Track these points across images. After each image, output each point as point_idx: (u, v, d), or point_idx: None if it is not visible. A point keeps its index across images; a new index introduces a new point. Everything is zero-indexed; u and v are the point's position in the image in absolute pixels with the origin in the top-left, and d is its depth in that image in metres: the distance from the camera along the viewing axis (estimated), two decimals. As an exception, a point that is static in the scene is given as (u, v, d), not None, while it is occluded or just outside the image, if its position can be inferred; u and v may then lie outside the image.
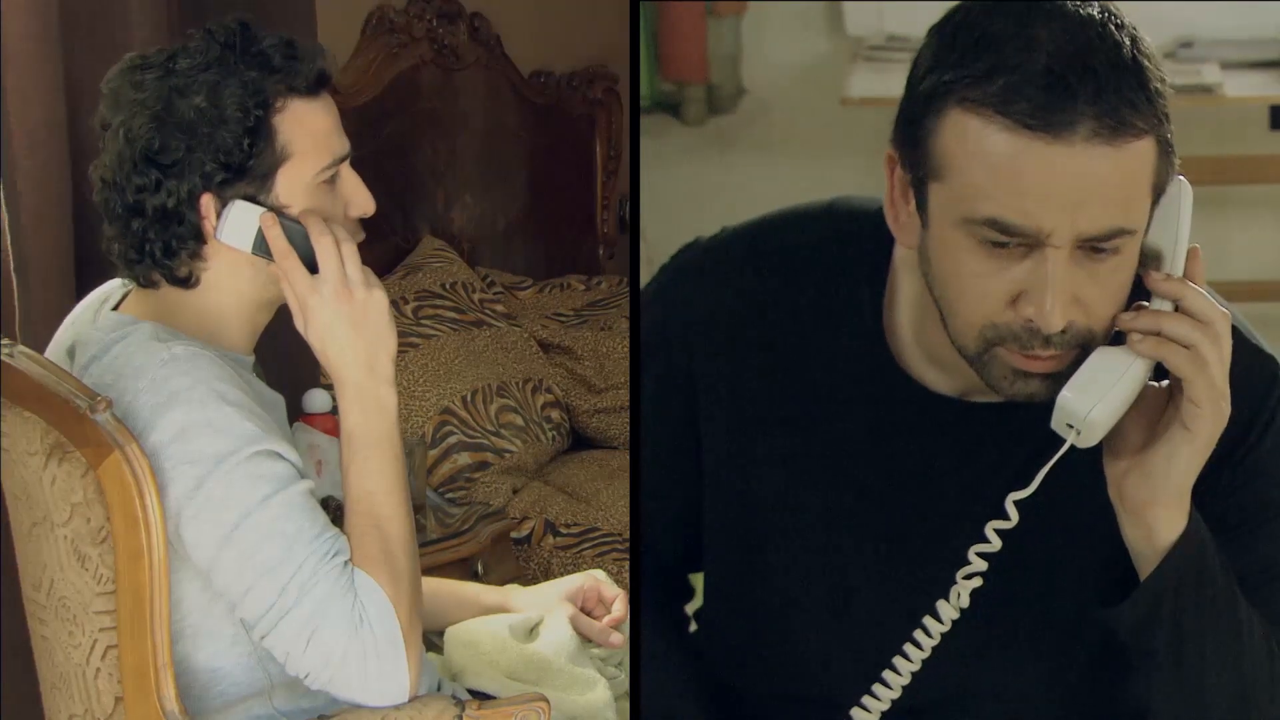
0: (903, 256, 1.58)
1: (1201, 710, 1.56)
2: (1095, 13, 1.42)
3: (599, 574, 2.06)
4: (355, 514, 1.69)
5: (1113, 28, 1.42)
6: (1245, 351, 1.54)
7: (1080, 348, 1.47)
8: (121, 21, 2.32)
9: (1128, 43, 1.41)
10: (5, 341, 1.77)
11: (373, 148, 3.61)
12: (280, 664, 1.66)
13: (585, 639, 1.99)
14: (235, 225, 1.69)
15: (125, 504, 1.63)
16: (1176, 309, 1.48)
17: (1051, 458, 1.50)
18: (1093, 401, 1.47)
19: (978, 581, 1.55)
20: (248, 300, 1.75)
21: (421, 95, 3.83)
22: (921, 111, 1.44)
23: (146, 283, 1.75)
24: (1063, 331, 1.44)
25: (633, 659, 1.94)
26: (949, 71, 1.42)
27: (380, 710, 1.66)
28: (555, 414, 3.64)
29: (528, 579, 2.89)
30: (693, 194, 1.61)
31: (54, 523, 1.71)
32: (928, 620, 1.57)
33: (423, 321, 3.56)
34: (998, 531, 1.52)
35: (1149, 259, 1.49)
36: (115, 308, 1.79)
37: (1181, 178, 1.48)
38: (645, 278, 1.69)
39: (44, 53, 2.23)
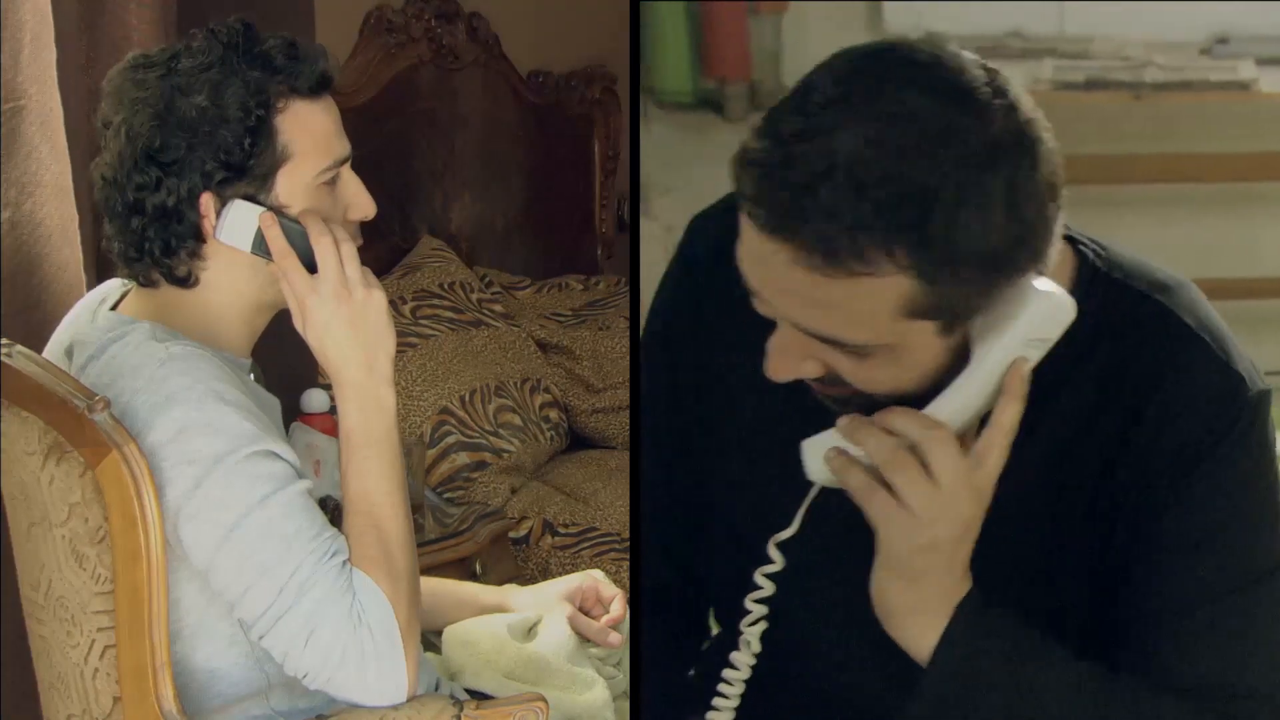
0: None
1: None
2: (926, 132, 1.29)
3: (597, 574, 2.06)
4: (354, 514, 1.69)
5: (924, 154, 1.29)
6: (1207, 366, 1.48)
7: (854, 392, 1.42)
8: (119, 22, 2.32)
9: (933, 177, 1.28)
10: (4, 341, 1.77)
11: (371, 147, 3.59)
12: (278, 664, 1.66)
13: (583, 639, 1.99)
14: (234, 225, 1.69)
15: (123, 504, 1.63)
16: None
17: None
18: (811, 464, 1.46)
19: (763, 625, 1.52)
20: (247, 301, 1.75)
21: (420, 95, 3.83)
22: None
23: (146, 281, 1.75)
24: (807, 380, 1.42)
25: (632, 659, 1.94)
26: (758, 127, 1.36)
27: (378, 710, 1.66)
28: (553, 414, 3.64)
29: (526, 579, 2.88)
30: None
31: (52, 522, 1.71)
32: (727, 671, 1.55)
33: (421, 321, 3.56)
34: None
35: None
36: (113, 307, 1.79)
37: (1039, 288, 1.38)
38: (645, 278, 1.68)
39: (67, 50, 2.24)
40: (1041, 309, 1.39)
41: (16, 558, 1.81)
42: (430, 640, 1.97)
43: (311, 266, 1.69)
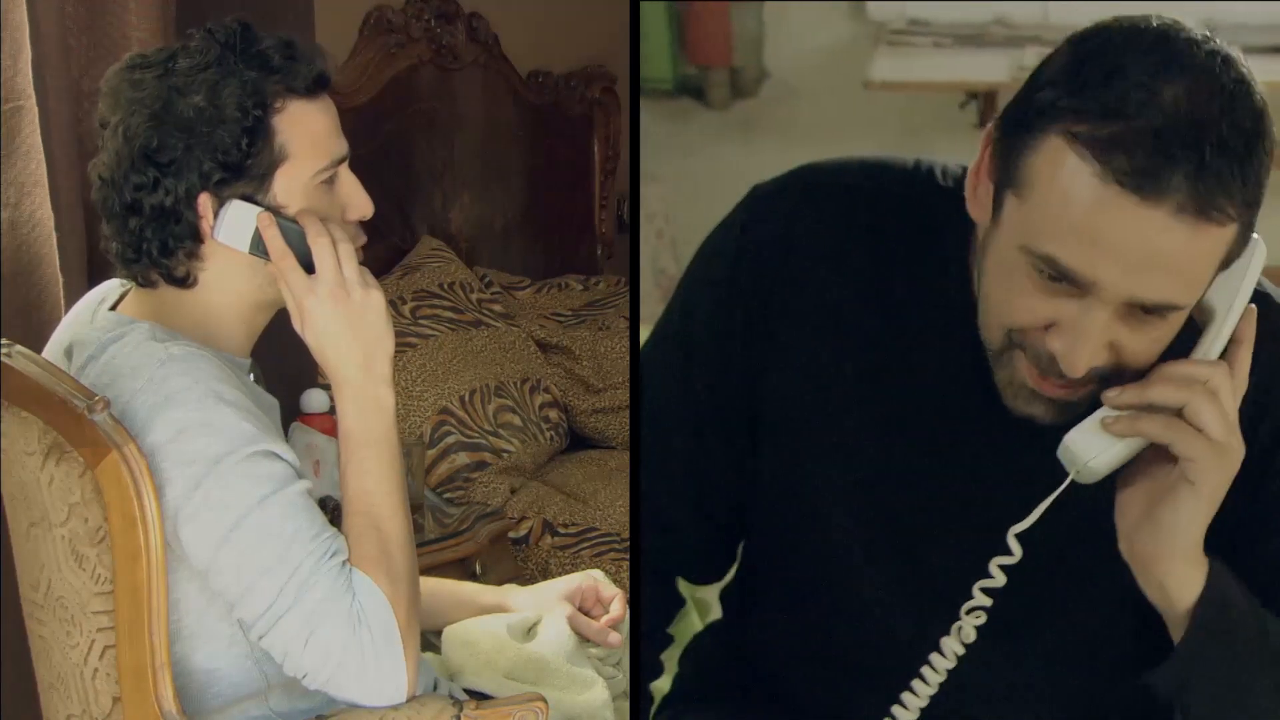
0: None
1: None
2: (1229, 79, 1.38)
3: (597, 574, 2.06)
4: (353, 514, 1.69)
5: (1240, 103, 1.38)
6: None
7: (1099, 381, 1.46)
8: (119, 22, 2.32)
9: (1249, 124, 1.38)
10: (4, 341, 1.77)
11: (371, 148, 3.60)
12: (278, 664, 1.66)
13: (583, 639, 1.99)
14: (232, 225, 1.69)
15: (123, 504, 1.63)
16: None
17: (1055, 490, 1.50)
18: (1095, 451, 1.48)
19: (981, 617, 1.55)
20: (245, 301, 1.75)
21: (419, 95, 3.83)
22: (1028, 122, 1.42)
23: (145, 282, 1.75)
24: (1085, 373, 1.44)
25: (632, 659, 1.94)
26: (1066, 96, 1.39)
27: (378, 710, 1.66)
28: (553, 414, 3.64)
29: (526, 579, 2.88)
30: (716, 177, 1.61)
31: (51, 523, 1.71)
32: (934, 656, 1.57)
33: (421, 321, 3.56)
34: (1005, 566, 1.52)
35: (1203, 312, 1.49)
36: (113, 308, 1.79)
37: (1256, 236, 1.46)
38: (645, 278, 1.67)
39: (60, 51, 2.24)
40: (1261, 255, 1.48)
41: (16, 558, 1.81)
42: (430, 640, 1.97)
43: (309, 267, 1.69)
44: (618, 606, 2.01)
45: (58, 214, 2.19)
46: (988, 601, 1.55)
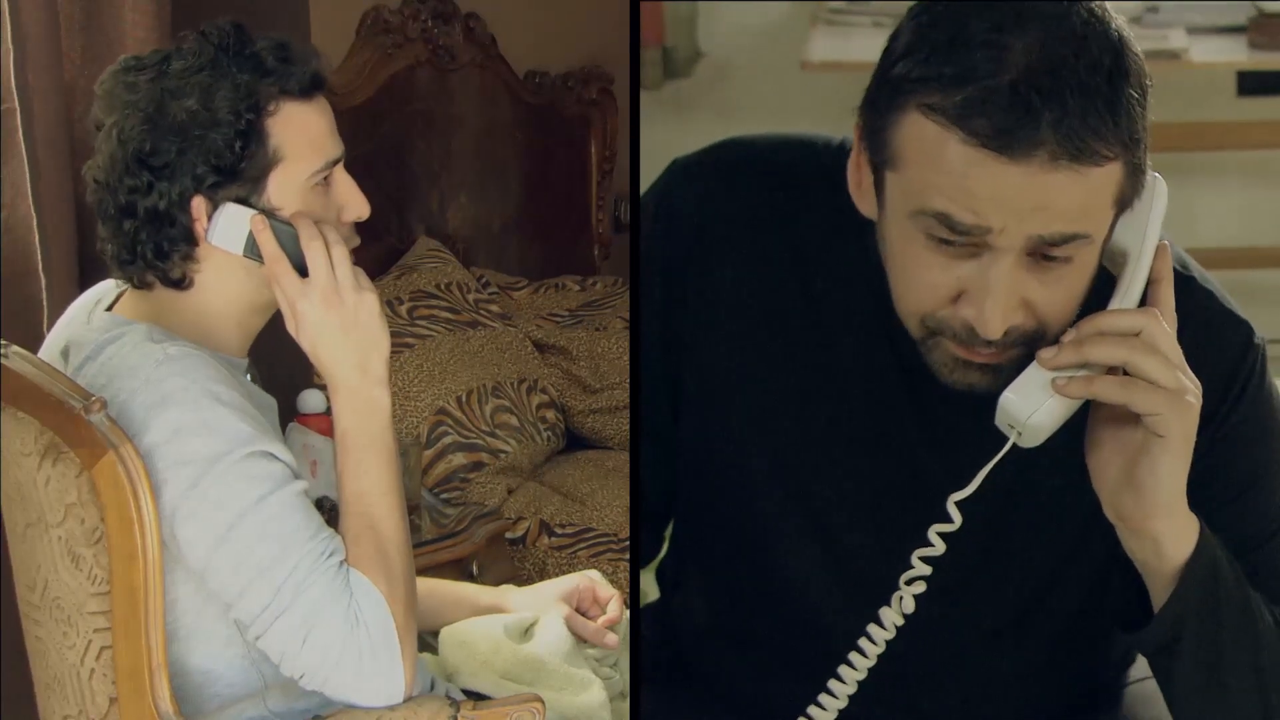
0: None
1: (1224, 713, 1.53)
2: (1079, 21, 1.37)
3: (594, 574, 2.06)
4: (350, 514, 1.69)
5: (1094, 41, 1.36)
6: (1218, 317, 1.53)
7: (1025, 345, 1.45)
8: (115, 22, 2.32)
9: (1107, 60, 1.36)
10: (2, 342, 1.76)
11: (368, 148, 3.60)
12: (275, 665, 1.66)
13: (580, 639, 1.99)
14: (226, 228, 1.69)
15: (119, 505, 1.63)
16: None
17: (993, 457, 1.47)
18: (1034, 407, 1.45)
19: (920, 586, 1.52)
20: (241, 303, 1.75)
21: (416, 95, 3.83)
22: (885, 100, 1.41)
23: (140, 284, 1.75)
24: (1005, 334, 1.42)
25: (631, 659, 1.94)
26: (915, 68, 1.38)
27: (375, 710, 1.66)
28: (550, 414, 3.64)
29: (523, 579, 2.88)
30: (649, 158, 1.60)
31: (48, 523, 1.71)
32: (871, 628, 1.54)
33: (418, 322, 3.56)
34: (942, 534, 1.50)
35: (1115, 258, 1.47)
36: (109, 309, 1.79)
37: (1156, 175, 1.45)
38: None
39: (49, 52, 2.24)
40: (1163, 192, 1.46)
41: (13, 558, 1.81)
42: (427, 641, 1.97)
43: (304, 269, 1.69)
44: (615, 607, 2.01)
45: (44, 214, 2.19)
46: (927, 570, 1.52)
